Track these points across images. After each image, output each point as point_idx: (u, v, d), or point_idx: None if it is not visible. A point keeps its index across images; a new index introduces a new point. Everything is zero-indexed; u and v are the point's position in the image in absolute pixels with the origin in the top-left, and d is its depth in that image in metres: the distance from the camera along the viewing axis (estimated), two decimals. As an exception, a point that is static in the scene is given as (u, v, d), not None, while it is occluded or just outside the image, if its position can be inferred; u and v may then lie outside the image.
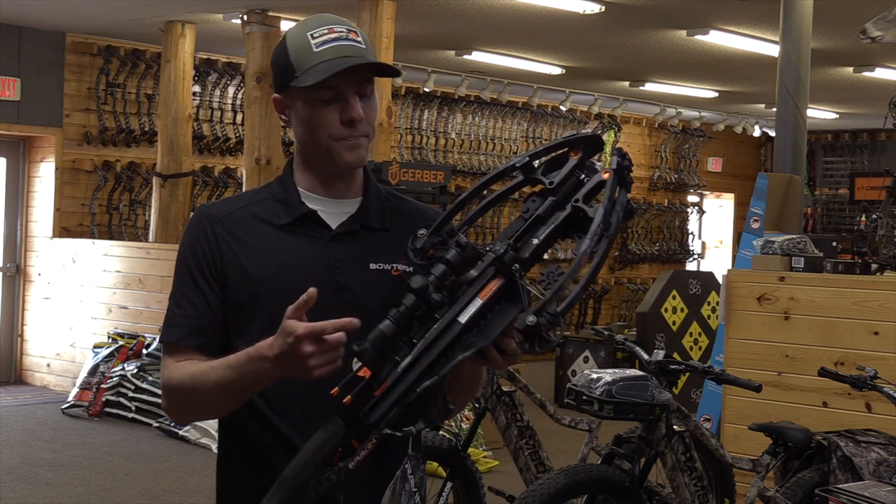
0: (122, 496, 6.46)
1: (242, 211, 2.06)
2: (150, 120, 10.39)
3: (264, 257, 2.01)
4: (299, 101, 2.00)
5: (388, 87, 8.02)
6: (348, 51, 1.96)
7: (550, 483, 3.95)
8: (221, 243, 2.03)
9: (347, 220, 2.05)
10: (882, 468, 4.29)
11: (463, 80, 11.73)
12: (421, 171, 8.60)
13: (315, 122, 1.99)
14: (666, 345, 9.40)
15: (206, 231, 2.04)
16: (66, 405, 8.80)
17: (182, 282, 2.05)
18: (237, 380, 1.86)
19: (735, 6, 8.24)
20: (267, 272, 2.00)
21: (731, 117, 14.90)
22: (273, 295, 1.97)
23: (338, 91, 1.96)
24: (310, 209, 2.04)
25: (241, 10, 8.76)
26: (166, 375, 2.00)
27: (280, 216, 2.04)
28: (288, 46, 2.00)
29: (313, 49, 1.96)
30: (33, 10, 9.07)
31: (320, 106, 1.98)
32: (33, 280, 10.18)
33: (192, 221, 2.09)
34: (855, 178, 15.31)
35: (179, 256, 2.07)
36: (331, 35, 1.97)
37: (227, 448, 2.10)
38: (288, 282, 1.96)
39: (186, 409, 2.03)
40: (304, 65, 1.96)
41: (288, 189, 2.07)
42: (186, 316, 2.02)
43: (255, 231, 2.03)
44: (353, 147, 2.00)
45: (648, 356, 4.35)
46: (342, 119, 1.98)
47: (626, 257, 14.52)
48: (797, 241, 5.66)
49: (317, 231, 2.03)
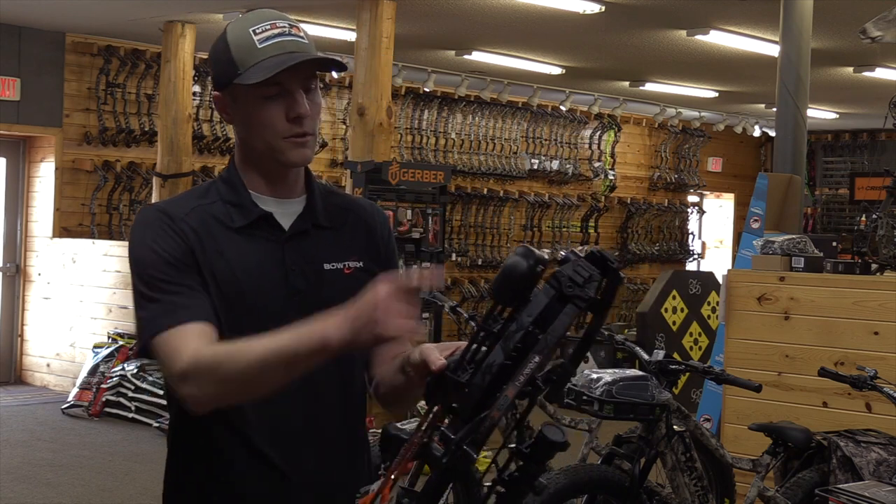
0: (122, 496, 6.46)
1: (198, 211, 1.96)
2: (150, 120, 10.38)
3: (224, 260, 1.93)
4: (242, 98, 1.94)
5: (388, 87, 8.02)
6: (292, 46, 1.92)
7: (550, 483, 3.95)
8: (191, 240, 1.92)
9: (297, 221, 2.00)
10: (882, 468, 4.29)
11: (463, 80, 11.73)
12: (421, 171, 8.61)
13: (259, 120, 1.93)
14: (666, 345, 9.40)
15: (172, 228, 1.92)
16: (66, 405, 8.80)
17: (164, 276, 1.88)
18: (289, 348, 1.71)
19: (735, 6, 8.24)
20: (227, 275, 1.92)
21: (731, 117, 14.90)
22: (232, 299, 1.91)
23: (283, 87, 1.92)
24: (265, 211, 1.98)
25: (240, 10, 8.75)
26: (191, 352, 1.80)
27: (234, 219, 1.96)
28: (229, 43, 1.94)
29: (256, 45, 1.91)
30: (33, 10, 9.06)
31: (265, 103, 1.92)
32: (33, 280, 10.18)
33: (148, 218, 1.95)
34: (855, 178, 15.32)
35: (144, 255, 1.91)
36: (274, 31, 1.92)
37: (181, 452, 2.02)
38: (245, 286, 1.92)
39: (216, 386, 1.79)
40: (247, 61, 1.91)
41: (238, 190, 1.99)
42: (190, 298, 1.87)
43: (215, 232, 1.95)
44: (298, 146, 1.95)
45: (648, 356, 4.35)
46: (288, 116, 1.93)
47: (626, 257, 14.52)
48: (797, 241, 5.66)
49: (271, 233, 1.98)
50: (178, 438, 2.03)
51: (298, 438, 1.96)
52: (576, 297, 1.51)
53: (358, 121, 7.99)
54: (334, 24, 9.24)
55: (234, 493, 1.95)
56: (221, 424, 1.93)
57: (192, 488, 1.99)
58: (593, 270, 1.53)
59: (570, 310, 1.51)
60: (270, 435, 1.94)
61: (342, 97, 11.78)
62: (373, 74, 7.88)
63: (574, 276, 1.52)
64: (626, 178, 14.77)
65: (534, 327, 1.51)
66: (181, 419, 1.98)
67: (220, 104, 2.00)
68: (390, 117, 8.07)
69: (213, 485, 1.96)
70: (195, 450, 1.98)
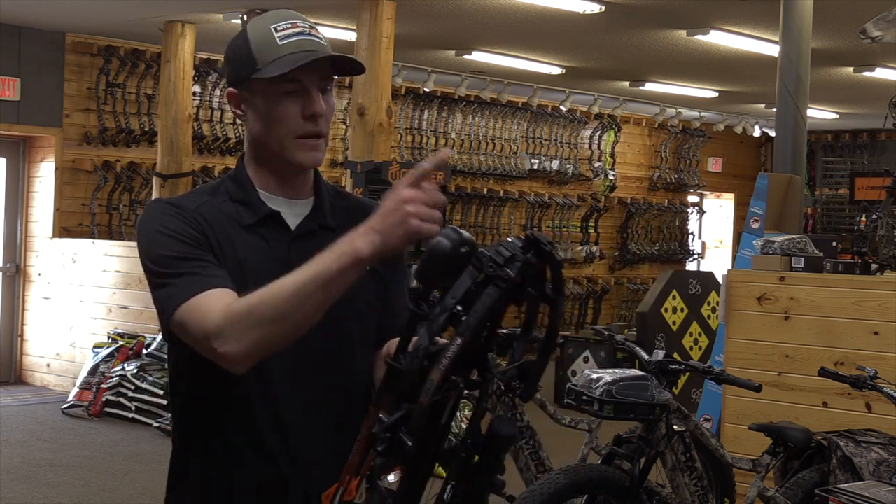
0: (122, 496, 6.46)
1: (208, 206, 1.98)
2: (150, 120, 10.39)
3: (231, 256, 1.95)
4: (259, 94, 1.96)
5: (388, 87, 8.02)
6: (311, 45, 1.94)
7: (550, 483, 3.95)
8: (204, 227, 1.93)
9: (305, 221, 2.02)
10: (882, 468, 4.29)
11: (463, 80, 11.73)
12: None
13: (275, 116, 1.95)
14: (666, 345, 9.40)
15: (183, 216, 1.93)
16: (66, 405, 8.80)
17: (179, 253, 1.87)
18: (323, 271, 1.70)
19: (735, 6, 8.24)
20: (235, 271, 1.93)
21: (731, 117, 14.90)
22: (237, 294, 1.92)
23: (301, 85, 1.94)
24: (273, 210, 2.00)
25: (241, 10, 8.75)
26: (222, 306, 1.78)
27: (242, 216, 1.99)
28: (250, 39, 1.96)
29: (277, 42, 1.93)
30: (33, 10, 9.07)
31: (282, 98, 1.94)
32: (33, 280, 10.18)
33: (155, 210, 1.96)
34: (855, 178, 15.32)
35: (155, 240, 1.90)
36: (294, 29, 1.95)
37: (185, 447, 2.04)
38: (251, 283, 1.91)
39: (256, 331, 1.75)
40: (267, 57, 1.93)
41: (246, 188, 2.01)
42: (209, 271, 1.87)
43: (224, 227, 1.97)
44: (310, 148, 1.97)
45: (648, 356, 4.34)
46: (304, 113, 1.95)
47: (626, 257, 14.52)
48: (797, 241, 5.66)
49: (278, 232, 2.00)
50: (182, 433, 2.05)
51: (302, 432, 1.97)
52: (496, 276, 1.47)
53: (358, 121, 7.99)
54: (334, 24, 9.25)
55: (236, 486, 1.98)
56: (226, 417, 1.96)
57: (195, 480, 2.02)
58: (516, 250, 1.49)
59: (492, 290, 1.47)
60: (273, 428, 1.96)
61: (342, 97, 11.78)
62: (373, 74, 7.89)
63: (496, 256, 1.49)
64: (626, 178, 14.77)
65: (459, 309, 1.48)
66: (185, 414, 2.03)
67: (235, 101, 2.01)
68: (390, 117, 8.07)
69: (215, 476, 1.99)
70: (199, 443, 2.01)
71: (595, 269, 14.13)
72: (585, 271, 13.98)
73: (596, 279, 13.99)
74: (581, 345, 9.85)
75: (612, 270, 14.48)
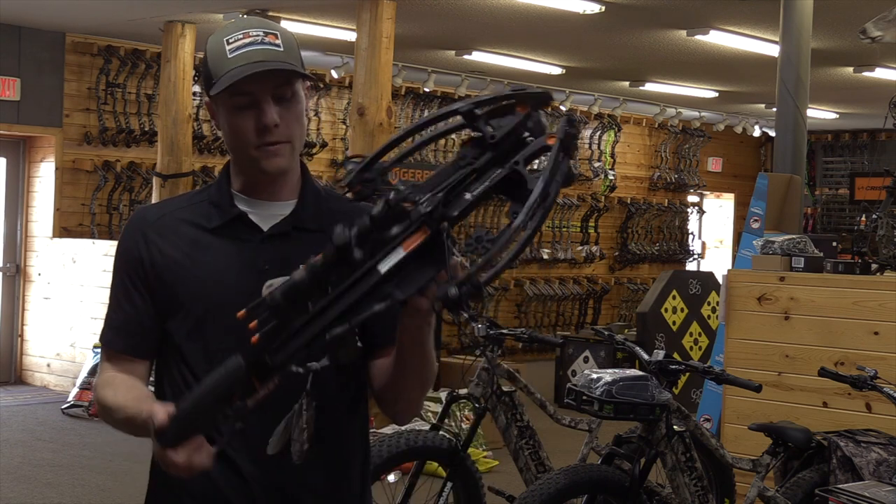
0: (122, 496, 6.46)
1: (172, 215, 2.06)
2: (150, 120, 10.39)
3: (193, 261, 2.00)
4: (221, 106, 1.98)
5: (388, 87, 8.02)
6: (260, 55, 1.92)
7: (550, 483, 3.95)
8: (152, 247, 2.03)
9: (280, 223, 2.02)
10: (882, 468, 4.29)
11: (463, 80, 11.73)
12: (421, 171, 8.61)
13: (232, 130, 1.97)
14: (666, 345, 9.40)
15: (138, 235, 2.05)
16: (66, 405, 8.80)
17: (115, 284, 2.09)
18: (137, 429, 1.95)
19: (735, 6, 8.24)
20: (195, 276, 1.99)
21: (731, 117, 14.90)
22: (200, 299, 1.98)
23: (253, 97, 1.93)
24: (240, 211, 2.02)
25: (240, 10, 8.75)
26: (100, 382, 2.05)
27: (212, 219, 2.03)
28: (207, 52, 1.98)
29: (227, 55, 1.93)
30: (33, 10, 9.07)
31: (236, 112, 1.95)
32: (33, 280, 10.18)
33: (128, 224, 2.11)
34: (855, 178, 15.32)
35: (115, 258, 2.11)
36: (245, 40, 1.93)
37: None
38: (216, 286, 1.97)
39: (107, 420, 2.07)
40: (219, 71, 1.94)
41: (222, 191, 2.05)
42: (118, 319, 2.07)
43: (184, 235, 2.02)
44: (270, 155, 1.97)
45: (648, 356, 4.34)
46: (256, 126, 1.95)
47: (626, 257, 14.52)
48: (797, 241, 5.66)
49: (248, 234, 2.01)
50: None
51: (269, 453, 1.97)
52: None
53: (358, 121, 7.99)
54: (334, 24, 9.25)
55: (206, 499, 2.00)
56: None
57: (165, 491, 2.05)
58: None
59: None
60: (243, 445, 1.95)
61: (342, 97, 11.78)
62: (373, 74, 7.89)
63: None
64: (626, 178, 14.77)
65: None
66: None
67: (210, 112, 2.06)
68: (390, 117, 8.07)
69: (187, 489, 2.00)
70: None
71: (595, 269, 14.13)
72: (585, 271, 13.98)
73: (596, 279, 13.99)
74: (581, 345, 9.86)
75: (612, 270, 14.48)
